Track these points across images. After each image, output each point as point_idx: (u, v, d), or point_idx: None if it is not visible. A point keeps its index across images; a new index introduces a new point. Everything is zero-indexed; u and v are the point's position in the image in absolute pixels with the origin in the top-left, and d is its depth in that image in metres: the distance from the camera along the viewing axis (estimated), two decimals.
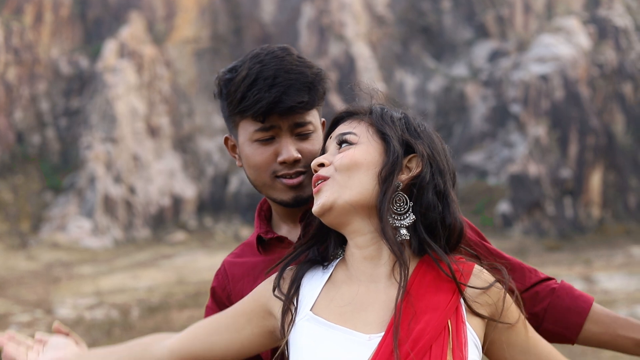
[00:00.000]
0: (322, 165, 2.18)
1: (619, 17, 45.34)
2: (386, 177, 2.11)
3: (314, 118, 2.38)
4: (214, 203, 43.16)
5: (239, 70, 2.39)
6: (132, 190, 41.77)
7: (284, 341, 2.15)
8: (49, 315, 23.24)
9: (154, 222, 41.50)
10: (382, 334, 2.03)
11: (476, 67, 45.02)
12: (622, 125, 43.09)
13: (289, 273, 2.21)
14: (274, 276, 2.22)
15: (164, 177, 43.27)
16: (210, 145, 44.90)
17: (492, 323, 2.13)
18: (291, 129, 2.36)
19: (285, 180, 2.37)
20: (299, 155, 2.35)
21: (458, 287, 2.07)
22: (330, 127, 2.28)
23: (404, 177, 2.14)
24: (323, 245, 2.23)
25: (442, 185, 2.15)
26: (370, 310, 2.07)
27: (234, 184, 43.35)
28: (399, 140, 2.16)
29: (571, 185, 41.25)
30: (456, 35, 46.53)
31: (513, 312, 2.15)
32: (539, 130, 41.69)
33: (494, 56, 44.99)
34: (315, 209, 2.15)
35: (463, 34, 46.48)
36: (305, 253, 2.23)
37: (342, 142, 2.19)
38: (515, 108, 42.43)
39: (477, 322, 2.10)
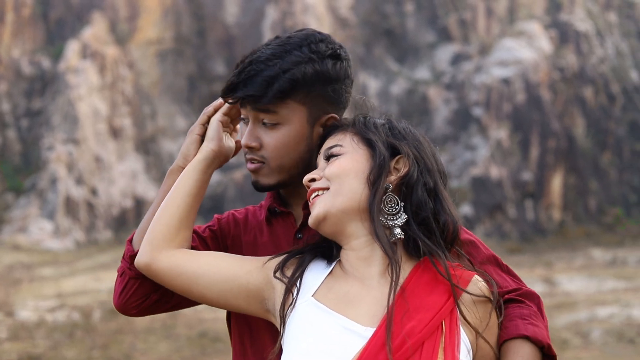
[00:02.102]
0: (313, 180, 2.24)
1: (580, 22, 45.75)
2: (375, 180, 2.18)
3: (286, 110, 2.35)
4: None
5: None
6: (93, 191, 41.54)
7: (283, 320, 2.19)
8: (10, 318, 23.08)
9: (116, 224, 41.30)
10: (375, 327, 2.08)
11: (439, 70, 45.24)
12: (582, 128, 43.49)
13: (293, 262, 2.26)
14: (280, 258, 2.27)
15: (126, 179, 43.07)
16: (173, 146, 44.75)
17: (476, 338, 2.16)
18: (255, 116, 2.36)
19: (247, 163, 2.41)
20: (253, 144, 2.36)
21: (453, 290, 2.12)
22: (319, 143, 2.34)
23: (393, 178, 2.20)
24: (328, 248, 2.28)
25: (432, 184, 2.21)
26: (363, 304, 2.13)
27: None
28: (383, 143, 2.23)
29: (532, 188, 41.57)
30: (419, 38, 46.72)
31: (494, 335, 2.19)
32: (500, 133, 41.97)
33: (457, 59, 45.23)
34: (310, 221, 2.22)
35: (426, 37, 46.68)
36: (311, 252, 2.29)
37: (329, 157, 2.26)
38: (477, 111, 42.68)
39: (468, 329, 2.14)
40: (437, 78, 44.77)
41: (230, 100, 2.37)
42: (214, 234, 2.50)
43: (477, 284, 2.18)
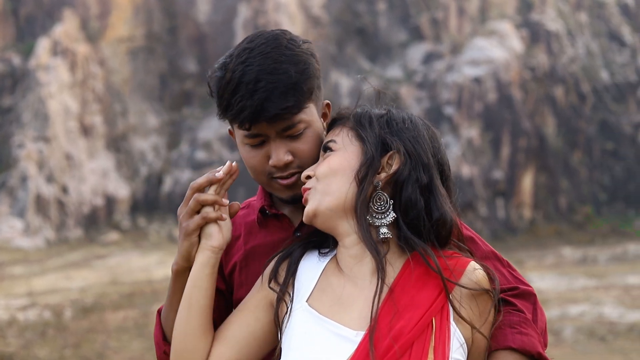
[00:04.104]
0: (309, 177, 2.22)
1: (551, 22, 45.98)
2: (362, 178, 2.13)
3: (305, 115, 2.27)
4: (148, 203, 42.83)
5: (227, 69, 2.26)
6: (64, 189, 41.29)
7: (280, 328, 2.17)
8: None
9: (87, 222, 41.07)
10: (365, 331, 2.05)
11: (410, 69, 45.31)
12: (553, 127, 43.71)
13: (284, 266, 2.22)
14: (270, 268, 2.23)
15: (97, 177, 42.83)
16: (144, 144, 44.56)
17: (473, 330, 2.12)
18: (280, 133, 2.26)
19: (280, 181, 2.30)
20: (289, 159, 2.27)
21: (444, 284, 2.08)
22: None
23: (383, 175, 2.16)
24: (318, 241, 2.25)
25: (426, 180, 2.16)
26: (355, 306, 2.10)
27: (167, 184, 43.07)
28: (375, 139, 2.18)
29: (503, 186, 41.73)
30: (391, 37, 46.77)
31: (489, 327, 2.15)
32: (472, 132, 42.12)
33: (428, 58, 45.32)
34: (303, 218, 2.19)
35: (398, 36, 46.73)
36: (299, 249, 2.24)
37: (325, 151, 2.24)
38: (449, 110, 42.80)
39: (462, 324, 2.10)
40: (409, 77, 44.84)
41: (247, 126, 2.24)
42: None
43: (473, 273, 2.13)
